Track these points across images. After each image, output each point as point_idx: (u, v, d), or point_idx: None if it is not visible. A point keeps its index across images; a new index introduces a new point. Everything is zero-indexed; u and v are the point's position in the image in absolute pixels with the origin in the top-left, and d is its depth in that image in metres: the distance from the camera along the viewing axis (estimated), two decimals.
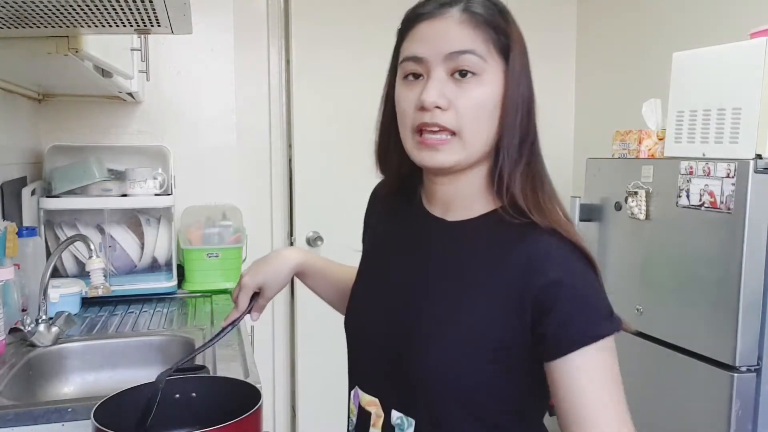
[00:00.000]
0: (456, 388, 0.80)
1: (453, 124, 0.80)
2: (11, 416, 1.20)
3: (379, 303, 0.91)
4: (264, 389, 1.15)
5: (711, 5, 2.36)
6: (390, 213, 0.99)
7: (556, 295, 0.76)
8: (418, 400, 0.83)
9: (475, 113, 0.80)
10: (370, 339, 0.91)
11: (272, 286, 1.07)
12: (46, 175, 2.10)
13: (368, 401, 0.89)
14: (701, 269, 1.75)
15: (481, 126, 0.81)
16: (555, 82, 3.16)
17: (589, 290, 0.78)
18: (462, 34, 0.80)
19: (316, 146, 2.83)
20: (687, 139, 1.90)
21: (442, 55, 0.80)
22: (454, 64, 0.79)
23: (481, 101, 0.80)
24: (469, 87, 0.80)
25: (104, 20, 1.14)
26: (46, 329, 1.59)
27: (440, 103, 0.79)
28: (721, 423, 1.68)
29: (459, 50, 0.79)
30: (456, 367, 0.79)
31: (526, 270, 0.78)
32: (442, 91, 0.79)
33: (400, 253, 0.93)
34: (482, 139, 0.81)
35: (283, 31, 2.77)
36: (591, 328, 0.76)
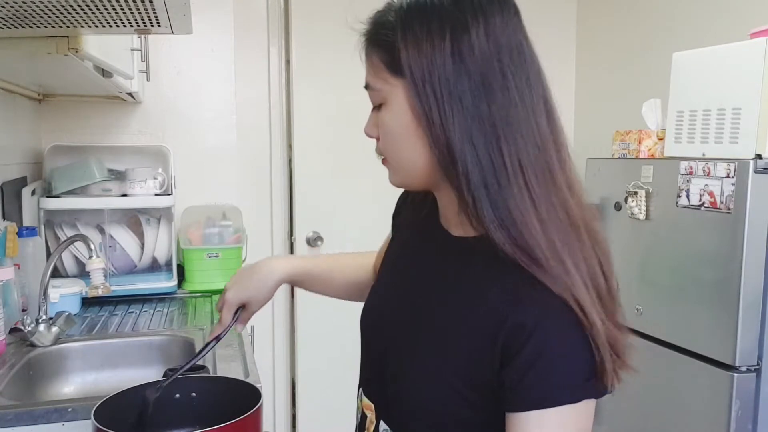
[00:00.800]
0: (425, 413, 0.76)
1: (380, 152, 0.80)
2: (11, 416, 1.20)
3: (384, 310, 0.89)
4: (264, 389, 1.15)
5: (711, 5, 2.36)
6: (417, 215, 0.92)
7: (521, 345, 0.67)
8: (395, 417, 0.82)
9: (388, 141, 0.77)
10: (372, 344, 0.89)
11: (256, 301, 1.04)
12: (47, 175, 2.10)
13: (366, 404, 0.88)
14: (701, 269, 1.75)
15: (402, 152, 0.76)
16: (555, 82, 3.15)
17: (561, 349, 0.68)
18: (366, 68, 0.78)
19: (316, 146, 2.83)
20: (687, 139, 1.90)
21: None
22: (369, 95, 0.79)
23: (388, 128, 0.76)
24: (382, 115, 0.77)
25: (104, 20, 1.14)
26: (47, 329, 1.59)
27: (372, 133, 0.80)
28: (721, 423, 1.68)
29: (366, 86, 0.79)
30: (426, 393, 0.76)
31: (501, 311, 0.70)
32: (373, 122, 0.79)
33: (412, 260, 0.89)
34: (411, 165, 0.76)
35: (283, 31, 2.77)
36: (552, 392, 0.67)
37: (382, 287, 0.93)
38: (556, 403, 0.67)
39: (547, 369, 0.67)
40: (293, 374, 2.94)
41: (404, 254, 0.92)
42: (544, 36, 3.47)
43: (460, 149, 0.70)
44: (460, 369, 0.73)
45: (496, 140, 0.70)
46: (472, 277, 0.76)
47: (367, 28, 0.77)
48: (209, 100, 2.51)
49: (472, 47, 0.70)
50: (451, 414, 0.74)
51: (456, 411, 0.74)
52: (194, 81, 2.49)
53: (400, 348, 0.81)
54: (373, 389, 0.87)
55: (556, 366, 0.68)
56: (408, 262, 0.90)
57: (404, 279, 0.88)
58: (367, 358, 0.91)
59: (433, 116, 0.70)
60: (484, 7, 0.72)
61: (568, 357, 0.68)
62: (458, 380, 0.73)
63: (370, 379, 0.89)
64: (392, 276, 0.92)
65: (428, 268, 0.84)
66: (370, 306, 0.93)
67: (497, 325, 0.69)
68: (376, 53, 0.75)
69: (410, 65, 0.71)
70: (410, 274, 0.87)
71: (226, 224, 2.36)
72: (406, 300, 0.85)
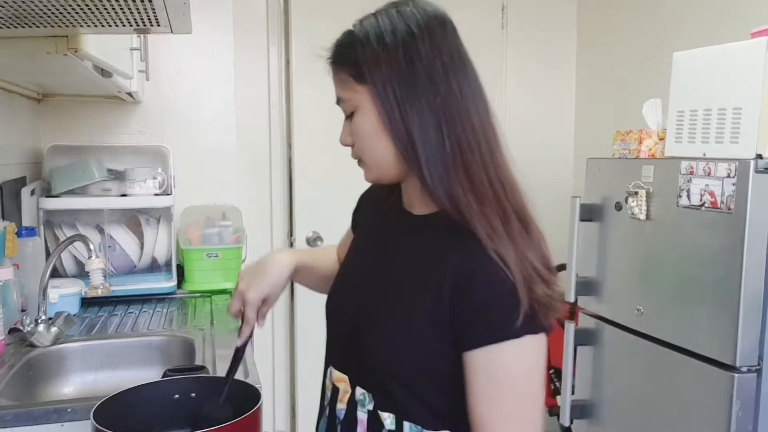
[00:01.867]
0: (398, 370, 0.88)
1: (357, 155, 0.93)
2: (11, 416, 1.20)
3: (349, 288, 1.01)
4: (264, 389, 1.15)
5: (711, 5, 2.36)
6: (380, 210, 1.05)
7: (466, 294, 0.82)
8: (371, 378, 0.91)
9: (362, 142, 0.90)
10: (339, 321, 1.00)
11: (275, 294, 1.09)
12: (46, 175, 2.10)
13: (338, 377, 0.97)
14: (702, 269, 1.75)
15: (374, 150, 0.89)
16: (555, 82, 3.17)
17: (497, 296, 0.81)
18: (336, 86, 0.92)
19: (316, 146, 2.83)
20: (687, 139, 1.89)
21: None
22: (342, 108, 0.93)
23: (362, 130, 0.89)
24: (354, 123, 0.90)
25: (104, 20, 1.14)
26: (46, 329, 1.59)
27: (347, 141, 0.93)
28: (722, 423, 1.67)
29: (337, 100, 0.93)
30: (396, 352, 0.87)
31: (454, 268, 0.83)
32: (347, 132, 0.92)
33: (374, 243, 1.02)
34: (383, 160, 0.90)
35: (283, 31, 2.77)
36: (494, 329, 0.81)
37: (347, 273, 1.05)
38: (496, 340, 0.81)
39: (487, 312, 0.81)
40: (293, 374, 2.94)
41: (367, 242, 1.05)
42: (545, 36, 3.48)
43: (419, 138, 0.84)
44: (426, 321, 0.85)
45: (442, 127, 0.85)
46: (430, 243, 0.90)
47: (332, 52, 0.92)
48: (209, 100, 2.51)
49: (419, 53, 0.85)
50: (421, 365, 0.86)
51: (425, 361, 0.86)
52: (194, 81, 2.48)
53: (370, 317, 0.93)
54: (345, 363, 0.97)
55: (494, 309, 0.81)
56: (370, 246, 1.03)
57: (368, 260, 1.01)
58: (335, 337, 1.01)
59: (394, 114, 0.85)
60: (427, 22, 0.87)
61: (503, 303, 0.81)
62: (425, 331, 0.85)
63: (341, 355, 0.99)
64: (355, 262, 1.05)
65: (390, 244, 0.97)
66: (334, 291, 1.04)
67: (448, 279, 0.84)
68: (343, 69, 0.90)
69: (371, 73, 0.86)
70: (373, 254, 1.00)
71: (225, 224, 2.35)
72: (372, 276, 0.97)
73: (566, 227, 2.20)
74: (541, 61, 3.13)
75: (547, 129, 3.15)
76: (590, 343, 2.21)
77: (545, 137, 3.14)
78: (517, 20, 3.04)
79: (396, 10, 0.88)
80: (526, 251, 0.83)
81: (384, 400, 0.90)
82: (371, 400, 0.91)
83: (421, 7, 0.89)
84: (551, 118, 3.17)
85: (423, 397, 0.87)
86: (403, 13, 0.87)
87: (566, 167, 3.14)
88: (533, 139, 3.12)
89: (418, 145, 0.84)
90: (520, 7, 3.04)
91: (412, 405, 0.88)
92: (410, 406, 0.88)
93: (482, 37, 3.02)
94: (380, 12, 0.89)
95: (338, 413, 0.97)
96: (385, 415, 0.90)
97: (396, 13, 0.88)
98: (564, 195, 2.42)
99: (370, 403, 0.91)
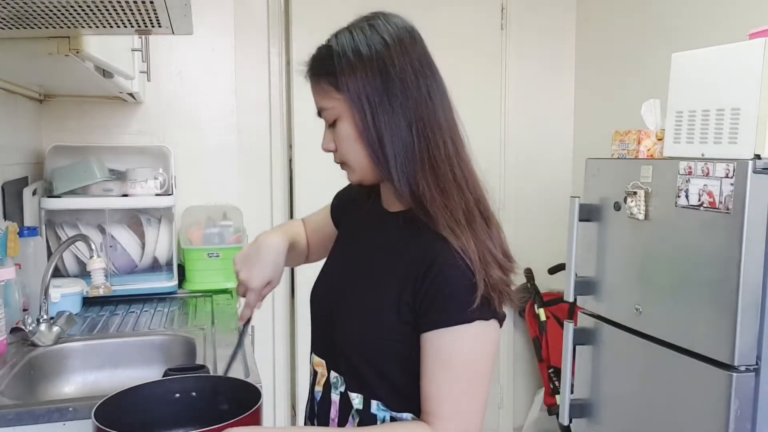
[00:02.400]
0: (365, 352, 0.96)
1: (341, 159, 1.00)
2: (12, 416, 1.20)
3: (328, 279, 1.10)
4: (264, 389, 1.16)
5: (710, 6, 2.36)
6: (360, 205, 1.13)
7: (425, 281, 0.89)
8: (343, 361, 0.99)
9: (345, 148, 0.97)
10: (318, 310, 1.08)
11: (276, 277, 1.13)
12: (48, 175, 2.11)
13: (317, 362, 1.06)
14: (700, 269, 1.76)
15: (354, 153, 0.96)
16: (554, 82, 3.17)
17: (453, 284, 0.88)
18: (315, 96, 0.98)
19: (316, 146, 2.80)
20: (686, 139, 1.90)
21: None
22: (323, 117, 0.99)
23: (343, 136, 0.96)
24: (337, 129, 0.97)
25: (105, 21, 1.14)
26: (48, 329, 1.59)
27: (329, 147, 1.00)
28: (720, 422, 1.68)
29: (318, 110, 0.99)
30: (364, 335, 0.96)
31: (416, 258, 0.91)
32: (329, 138, 0.99)
33: (353, 238, 1.11)
34: (364, 162, 0.96)
35: (283, 31, 2.78)
36: (447, 314, 0.88)
37: (329, 265, 1.13)
38: (448, 324, 0.88)
39: (443, 298, 0.89)
40: (293, 374, 2.95)
41: (348, 238, 1.14)
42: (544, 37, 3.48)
43: (390, 140, 0.91)
44: (391, 306, 0.93)
45: (412, 127, 0.92)
46: (398, 237, 0.98)
47: (311, 65, 0.98)
48: (210, 100, 2.52)
49: (392, 60, 0.92)
50: (386, 348, 0.94)
51: (390, 344, 0.93)
52: (195, 81, 2.49)
53: (344, 305, 1.01)
54: (322, 348, 1.05)
55: (449, 296, 0.88)
56: (350, 241, 1.12)
57: (346, 255, 1.10)
58: (316, 325, 1.09)
59: (369, 120, 0.92)
60: (398, 33, 0.94)
61: (458, 290, 0.88)
62: (390, 316, 0.93)
63: (320, 341, 1.06)
64: (337, 257, 1.13)
65: (366, 238, 1.07)
66: (317, 284, 1.11)
67: (411, 268, 0.91)
68: (323, 80, 0.95)
69: (348, 82, 0.92)
70: (351, 248, 1.10)
71: (226, 224, 2.36)
72: (348, 268, 1.06)
73: (565, 227, 2.20)
74: (540, 61, 3.13)
75: (547, 129, 3.16)
76: (589, 343, 2.22)
77: (544, 137, 3.14)
78: (517, 21, 3.04)
79: (368, 24, 0.95)
80: (486, 241, 0.91)
81: (354, 382, 0.98)
82: (343, 383, 0.99)
83: (391, 20, 0.96)
84: (550, 118, 3.17)
85: (389, 378, 0.95)
86: (375, 26, 0.95)
87: (565, 167, 3.15)
88: (532, 139, 3.13)
89: (388, 148, 0.92)
90: (519, 8, 3.04)
91: (379, 386, 0.96)
92: (377, 386, 0.96)
93: (482, 38, 3.03)
94: (354, 26, 0.96)
95: (316, 395, 1.05)
96: (353, 395, 0.98)
97: (369, 27, 0.95)
98: (563, 195, 2.43)
99: (342, 385, 1.00)
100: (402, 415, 0.95)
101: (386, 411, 0.96)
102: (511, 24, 3.03)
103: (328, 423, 1.02)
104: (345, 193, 1.24)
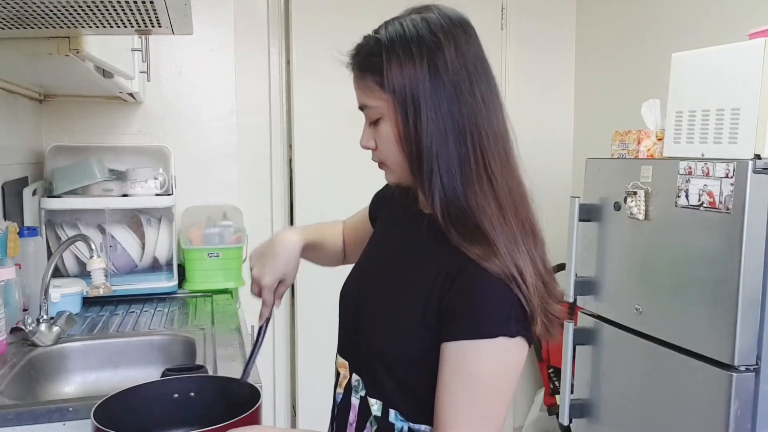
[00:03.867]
0: (387, 358, 0.91)
1: (379, 158, 0.94)
2: (12, 415, 1.20)
3: (357, 279, 1.05)
4: (264, 389, 1.16)
5: (710, 5, 2.36)
6: (396, 205, 1.08)
7: (455, 284, 0.84)
8: (365, 365, 0.96)
9: (388, 149, 0.90)
10: (345, 311, 1.04)
11: (290, 274, 1.11)
12: (48, 175, 2.11)
13: (341, 363, 1.03)
14: (700, 269, 1.76)
15: (396, 157, 0.90)
16: (554, 82, 3.17)
17: (485, 292, 0.83)
18: (359, 92, 0.91)
19: (316, 146, 2.84)
20: (686, 139, 1.90)
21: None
22: (365, 114, 0.92)
23: (386, 137, 0.90)
24: (379, 129, 0.90)
25: (105, 21, 1.14)
26: (48, 329, 1.59)
27: (369, 145, 0.93)
28: (720, 422, 1.68)
29: (360, 106, 0.92)
30: (387, 340, 0.91)
31: (448, 263, 0.86)
32: (369, 135, 0.93)
33: (386, 238, 1.06)
34: (405, 167, 0.90)
35: (283, 31, 2.78)
36: (473, 326, 0.83)
37: (359, 265, 1.08)
38: (473, 336, 0.82)
39: (472, 308, 0.83)
40: (293, 374, 2.95)
41: (379, 237, 1.09)
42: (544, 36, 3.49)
43: (428, 149, 0.85)
44: (417, 311, 0.87)
45: (467, 137, 0.85)
46: (430, 240, 0.91)
47: (357, 59, 0.91)
48: (210, 100, 2.52)
49: (446, 62, 0.85)
50: (409, 355, 0.89)
51: (413, 352, 0.88)
52: (195, 81, 2.49)
53: (369, 306, 0.97)
54: (346, 349, 1.02)
55: (478, 308, 0.83)
56: (382, 240, 1.07)
57: (377, 254, 1.05)
58: (343, 325, 1.05)
59: (409, 126, 0.86)
60: (452, 30, 0.87)
61: (488, 303, 0.83)
62: (415, 322, 0.88)
63: (344, 342, 1.03)
64: (367, 256, 1.09)
65: (396, 239, 1.02)
66: (347, 283, 1.07)
67: (442, 272, 0.86)
68: (369, 77, 0.88)
69: (394, 83, 0.85)
70: (384, 248, 1.05)
71: (226, 224, 2.36)
72: (378, 268, 1.01)
73: (565, 227, 2.20)
74: (540, 61, 3.13)
75: (546, 129, 3.16)
76: (589, 343, 2.22)
77: (544, 137, 3.14)
78: (517, 20, 3.04)
79: (420, 17, 0.87)
80: (533, 256, 0.85)
81: (373, 387, 0.94)
82: (363, 387, 0.96)
83: (444, 13, 0.89)
84: (550, 118, 3.17)
85: (407, 386, 0.90)
86: (429, 21, 0.87)
87: (565, 167, 3.15)
88: (532, 139, 3.12)
89: (427, 159, 0.85)
90: (519, 8, 3.04)
91: (397, 394, 0.91)
92: (395, 394, 0.91)
93: (482, 38, 2.99)
94: (404, 18, 0.88)
95: (337, 397, 1.02)
96: (372, 401, 0.94)
97: (420, 21, 0.87)
98: (563, 195, 2.42)
99: (363, 389, 0.96)
100: (420, 427, 0.90)
101: (404, 422, 0.91)
102: (511, 24, 3.03)
103: (346, 426, 0.98)
104: (383, 192, 1.18)
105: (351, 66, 0.92)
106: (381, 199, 1.17)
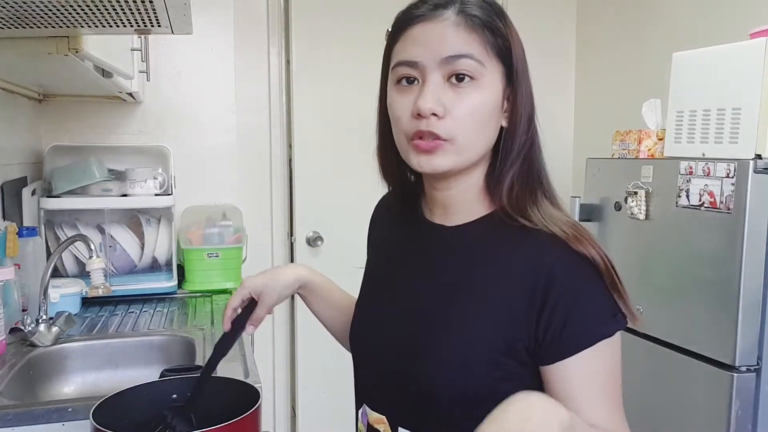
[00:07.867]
0: (464, 399, 0.78)
1: (448, 133, 0.77)
2: (11, 416, 1.20)
3: (385, 319, 0.89)
4: (264, 389, 1.15)
5: (711, 5, 2.36)
6: (395, 224, 0.97)
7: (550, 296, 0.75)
8: (428, 415, 0.81)
9: (472, 120, 0.78)
10: (378, 357, 0.88)
11: (271, 292, 1.00)
12: (47, 175, 2.10)
13: (376, 419, 0.87)
14: (701, 269, 1.76)
15: (477, 132, 0.79)
16: (555, 82, 3.16)
17: (592, 290, 0.77)
18: (458, 38, 0.77)
19: (316, 146, 2.83)
20: (687, 139, 1.90)
21: (438, 60, 0.77)
22: (451, 68, 0.77)
23: (478, 107, 0.78)
24: (466, 92, 0.77)
25: (104, 20, 1.14)
26: (47, 329, 1.59)
27: (437, 110, 0.76)
28: (721, 423, 1.68)
29: (456, 54, 0.76)
30: (463, 379, 0.78)
31: (527, 274, 0.77)
32: (439, 98, 0.77)
33: (405, 266, 0.91)
34: (479, 145, 0.80)
35: (283, 31, 2.77)
36: (588, 332, 0.75)
37: (376, 298, 0.94)
38: (591, 342, 0.75)
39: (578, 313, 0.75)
40: (293, 374, 2.94)
41: (393, 261, 0.94)
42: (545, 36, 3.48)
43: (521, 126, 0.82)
44: (499, 337, 0.77)
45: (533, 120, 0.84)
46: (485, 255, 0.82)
47: (469, 7, 0.79)
48: (209, 100, 2.51)
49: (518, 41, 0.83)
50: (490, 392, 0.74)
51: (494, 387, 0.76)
52: (194, 81, 2.49)
53: (420, 346, 0.82)
54: (384, 401, 0.87)
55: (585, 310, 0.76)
56: (401, 265, 0.92)
57: (393, 285, 0.91)
58: (369, 374, 0.91)
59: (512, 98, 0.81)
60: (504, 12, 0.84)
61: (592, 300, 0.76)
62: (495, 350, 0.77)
63: (378, 393, 0.88)
64: (378, 291, 0.94)
65: (430, 264, 0.86)
66: (361, 324, 0.94)
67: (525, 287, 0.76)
68: (482, 32, 0.78)
69: (516, 56, 0.80)
70: (399, 277, 0.90)
71: (226, 224, 2.36)
72: (412, 301, 0.86)
73: None
74: (540, 61, 3.09)
75: (547, 129, 3.13)
76: None
77: (544, 137, 3.12)
78: (517, 20, 3.01)
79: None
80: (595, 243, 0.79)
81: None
82: None
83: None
84: (550, 118, 3.16)
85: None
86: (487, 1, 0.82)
87: (566, 167, 3.15)
88: None
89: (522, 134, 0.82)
90: (519, 7, 3.04)
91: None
92: None
93: None
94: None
95: None
96: None
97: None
98: (563, 195, 2.41)
99: None
100: None
101: None
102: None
103: None
104: (374, 215, 1.07)
105: (456, 9, 0.78)
106: (370, 232, 1.06)
